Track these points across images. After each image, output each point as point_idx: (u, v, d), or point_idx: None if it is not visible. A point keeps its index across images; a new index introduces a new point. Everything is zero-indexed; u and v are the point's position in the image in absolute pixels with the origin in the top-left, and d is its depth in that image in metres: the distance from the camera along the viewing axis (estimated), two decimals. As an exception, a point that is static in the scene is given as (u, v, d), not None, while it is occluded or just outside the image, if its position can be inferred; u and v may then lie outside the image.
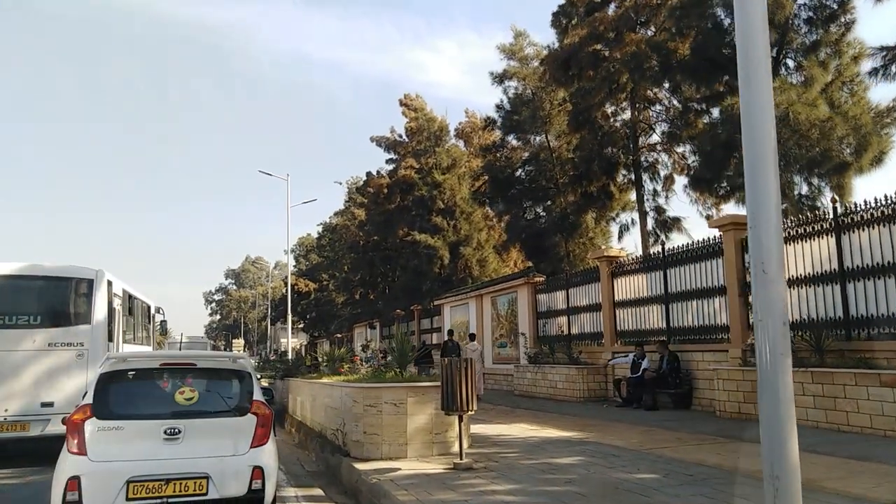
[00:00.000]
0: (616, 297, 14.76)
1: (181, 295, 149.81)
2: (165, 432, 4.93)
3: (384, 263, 36.21)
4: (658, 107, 19.71)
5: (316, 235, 60.59)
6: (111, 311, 11.66)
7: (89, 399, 5.08)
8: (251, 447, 5.12)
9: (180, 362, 5.57)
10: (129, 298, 14.25)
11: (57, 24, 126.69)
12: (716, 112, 16.31)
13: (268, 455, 5.20)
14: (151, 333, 18.16)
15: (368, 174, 37.25)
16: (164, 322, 19.56)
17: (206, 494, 4.82)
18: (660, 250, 13.54)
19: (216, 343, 75.13)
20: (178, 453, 4.89)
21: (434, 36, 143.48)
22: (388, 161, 35.91)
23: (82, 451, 4.78)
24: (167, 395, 5.26)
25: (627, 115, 20.24)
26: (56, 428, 10.00)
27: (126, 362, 5.49)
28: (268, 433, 5.30)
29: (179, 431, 4.95)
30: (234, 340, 74.02)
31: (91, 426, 4.87)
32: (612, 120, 20.15)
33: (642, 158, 19.59)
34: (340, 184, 44.65)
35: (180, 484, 4.77)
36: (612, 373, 14.36)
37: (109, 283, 11.78)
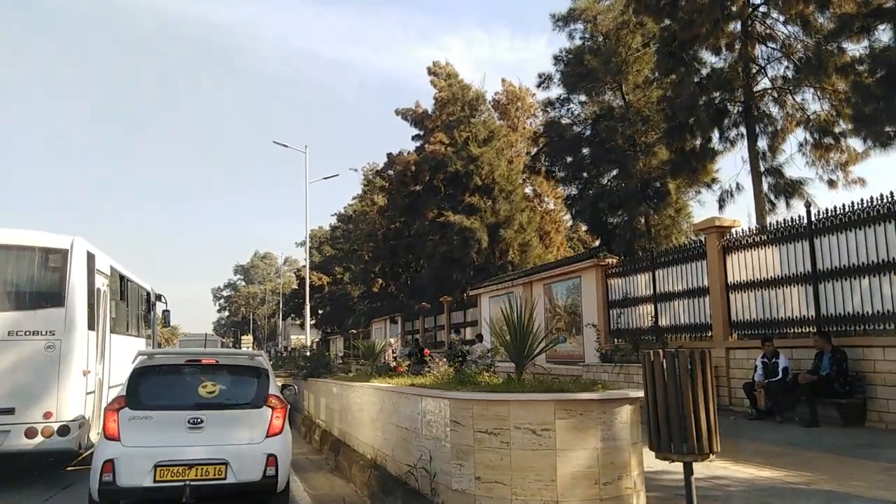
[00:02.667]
0: (730, 279, 11.70)
1: (188, 291, 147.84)
2: (189, 422, 5.36)
3: (408, 252, 33.11)
4: (771, 45, 16.26)
5: (328, 228, 57.72)
6: (92, 291, 8.96)
7: (123, 391, 5.60)
8: (266, 437, 5.50)
9: (203, 359, 5.98)
10: (121, 280, 11.43)
11: (63, 22, 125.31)
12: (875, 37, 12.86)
13: (281, 444, 5.57)
14: (153, 326, 15.29)
15: (390, 155, 34.00)
16: (166, 312, 16.92)
17: (224, 479, 5.24)
18: (802, 215, 10.41)
19: (224, 340, 73.21)
20: (200, 441, 5.31)
21: (441, 33, 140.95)
22: (415, 137, 32.57)
23: (117, 438, 5.28)
24: (191, 389, 5.66)
25: (733, 53, 16.71)
26: (17, 442, 7.42)
27: (155, 359, 6.06)
28: (282, 425, 5.66)
29: (202, 421, 5.37)
30: (242, 337, 71.84)
31: (124, 415, 5.35)
32: (717, 58, 16.63)
33: (755, 106, 16.01)
34: (356, 170, 41.67)
35: (202, 469, 5.22)
36: (728, 374, 11.33)
37: (91, 257, 9.00)
